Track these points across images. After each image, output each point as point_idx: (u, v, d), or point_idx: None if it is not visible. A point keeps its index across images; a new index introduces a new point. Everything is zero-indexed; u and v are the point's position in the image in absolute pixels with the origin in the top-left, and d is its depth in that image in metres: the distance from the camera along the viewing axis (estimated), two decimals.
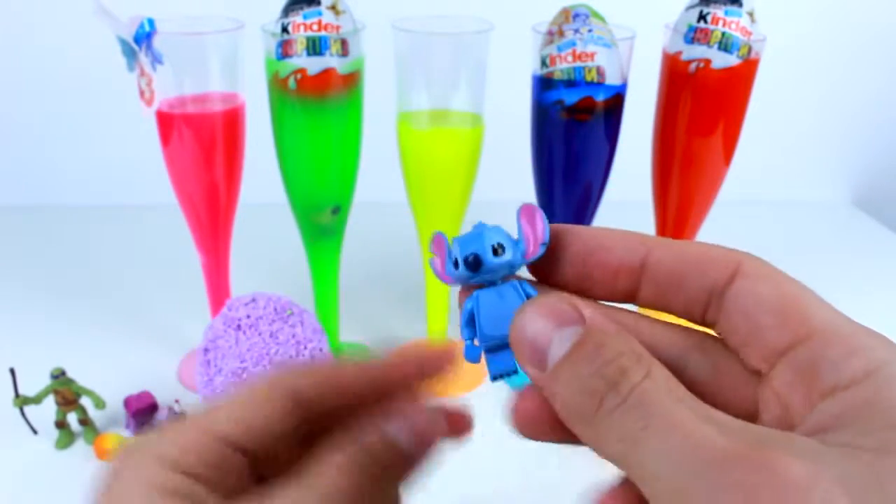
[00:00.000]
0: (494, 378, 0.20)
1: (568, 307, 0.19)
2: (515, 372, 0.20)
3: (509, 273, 0.21)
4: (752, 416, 0.19)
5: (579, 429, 0.18)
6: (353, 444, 0.20)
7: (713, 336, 0.20)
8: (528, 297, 0.20)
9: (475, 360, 0.21)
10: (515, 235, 0.21)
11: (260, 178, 0.61)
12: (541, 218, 0.20)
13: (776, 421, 0.18)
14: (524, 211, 0.21)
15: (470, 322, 0.21)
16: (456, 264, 0.20)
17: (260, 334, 0.49)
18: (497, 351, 0.20)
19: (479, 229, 0.20)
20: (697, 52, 0.51)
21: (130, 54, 0.48)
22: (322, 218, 0.55)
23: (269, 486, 0.20)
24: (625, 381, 0.17)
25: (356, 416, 0.23)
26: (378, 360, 0.22)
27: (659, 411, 0.16)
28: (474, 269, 0.20)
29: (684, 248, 0.20)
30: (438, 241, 0.22)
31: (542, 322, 0.19)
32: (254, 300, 0.51)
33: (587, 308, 0.19)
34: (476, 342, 0.21)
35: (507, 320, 0.20)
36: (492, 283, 0.21)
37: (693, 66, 0.51)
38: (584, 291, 0.21)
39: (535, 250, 0.20)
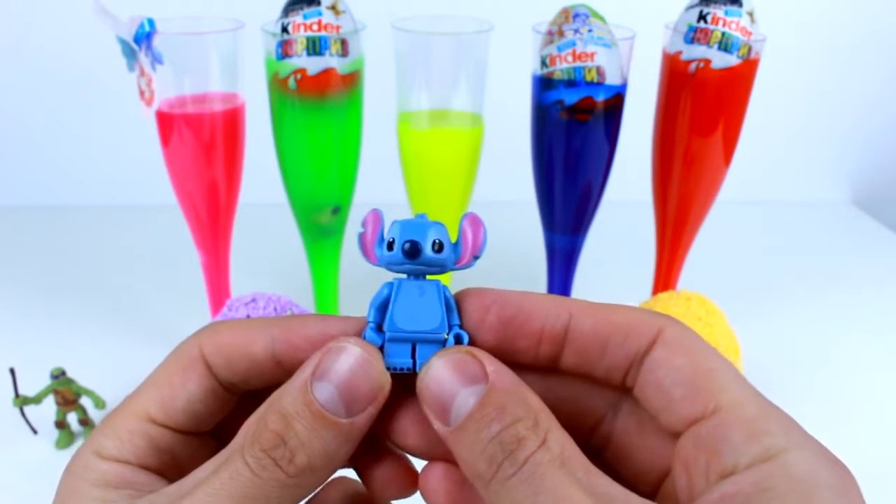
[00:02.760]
0: (389, 369, 0.20)
1: (474, 363, 0.19)
2: (411, 369, 0.20)
3: (437, 272, 0.21)
4: (661, 480, 0.20)
5: (478, 488, 0.18)
6: (258, 422, 0.19)
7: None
8: (447, 302, 0.21)
9: (374, 345, 0.21)
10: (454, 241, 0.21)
11: (260, 178, 0.61)
12: (482, 231, 0.21)
13: (684, 488, 0.19)
14: (469, 220, 0.21)
15: (381, 307, 0.21)
16: (390, 246, 0.20)
17: None
18: (399, 343, 0.20)
19: (424, 221, 0.20)
20: (697, 52, 0.51)
21: (130, 54, 0.48)
22: (322, 218, 0.55)
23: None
24: (520, 449, 0.17)
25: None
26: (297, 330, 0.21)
27: (548, 486, 0.17)
28: (411, 256, 0.20)
29: (607, 314, 0.20)
30: (375, 216, 0.22)
31: (448, 377, 0.19)
32: (254, 300, 0.51)
33: (492, 364, 0.19)
34: (381, 328, 0.21)
35: (420, 317, 0.20)
36: (416, 277, 0.21)
37: (693, 66, 0.51)
38: (508, 357, 0.21)
39: (467, 260, 0.21)
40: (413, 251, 0.20)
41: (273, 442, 0.18)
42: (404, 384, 0.21)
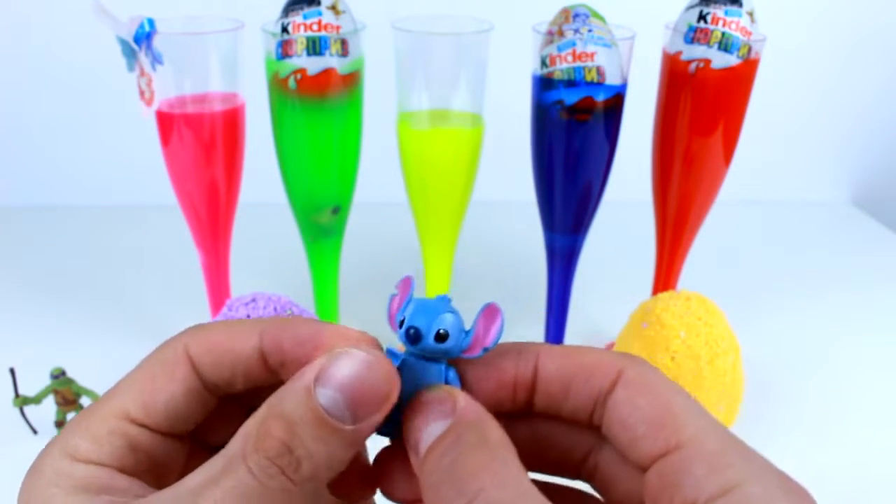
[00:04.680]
0: (379, 433, 0.21)
1: (447, 400, 0.19)
2: (398, 437, 0.21)
3: (443, 356, 0.21)
4: None
5: None
6: (260, 427, 0.18)
7: None
8: (448, 384, 0.21)
9: None
10: (470, 324, 0.21)
11: (260, 178, 0.61)
12: (497, 326, 0.21)
13: None
14: (487, 311, 0.21)
15: None
16: (402, 323, 0.21)
17: None
18: (393, 412, 0.20)
19: (439, 306, 0.21)
20: (697, 52, 0.51)
21: (130, 54, 0.48)
22: (322, 218, 0.55)
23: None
24: (470, 483, 0.17)
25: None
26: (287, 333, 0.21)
27: None
28: (413, 342, 0.20)
29: (571, 357, 0.21)
30: (406, 283, 0.22)
31: (423, 414, 0.19)
32: (254, 300, 0.51)
33: (463, 401, 0.19)
34: None
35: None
36: (422, 357, 0.21)
37: (693, 66, 0.51)
38: (492, 408, 0.21)
39: (475, 351, 0.21)
40: (415, 338, 0.20)
41: (278, 450, 0.18)
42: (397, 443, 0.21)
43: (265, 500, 0.18)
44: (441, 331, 0.20)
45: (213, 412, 0.22)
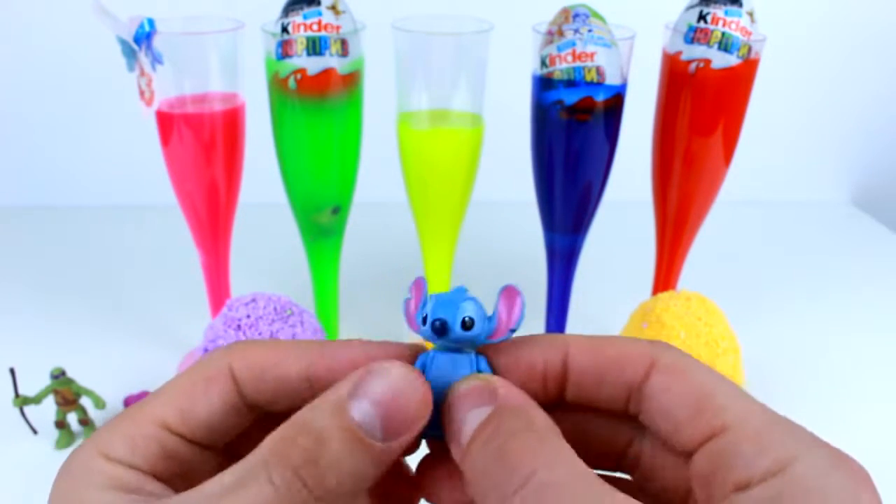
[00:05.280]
0: (423, 437, 0.21)
1: (486, 387, 0.19)
2: (442, 437, 0.20)
3: (470, 346, 0.21)
4: (689, 494, 0.20)
5: None
6: (286, 438, 0.18)
7: None
8: (480, 373, 0.21)
9: None
10: (490, 310, 0.21)
11: (260, 178, 0.61)
12: (519, 305, 0.21)
13: (703, 503, 0.19)
14: (506, 293, 0.21)
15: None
16: (424, 320, 0.21)
17: (260, 334, 0.49)
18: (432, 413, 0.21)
19: (459, 296, 0.21)
20: (697, 52, 0.51)
21: (130, 54, 0.48)
22: (322, 218, 0.55)
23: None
24: (522, 468, 0.17)
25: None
26: (330, 349, 0.21)
27: None
28: (440, 334, 0.20)
29: (602, 348, 0.21)
30: (418, 284, 0.22)
31: (461, 402, 0.19)
32: (254, 300, 0.51)
33: (503, 387, 0.19)
34: None
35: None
36: (449, 350, 0.21)
37: (693, 66, 0.51)
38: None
39: (502, 333, 0.21)
40: (442, 330, 0.20)
41: (303, 460, 0.18)
42: (440, 447, 0.21)
43: None
44: (466, 318, 0.20)
45: (252, 426, 0.22)
